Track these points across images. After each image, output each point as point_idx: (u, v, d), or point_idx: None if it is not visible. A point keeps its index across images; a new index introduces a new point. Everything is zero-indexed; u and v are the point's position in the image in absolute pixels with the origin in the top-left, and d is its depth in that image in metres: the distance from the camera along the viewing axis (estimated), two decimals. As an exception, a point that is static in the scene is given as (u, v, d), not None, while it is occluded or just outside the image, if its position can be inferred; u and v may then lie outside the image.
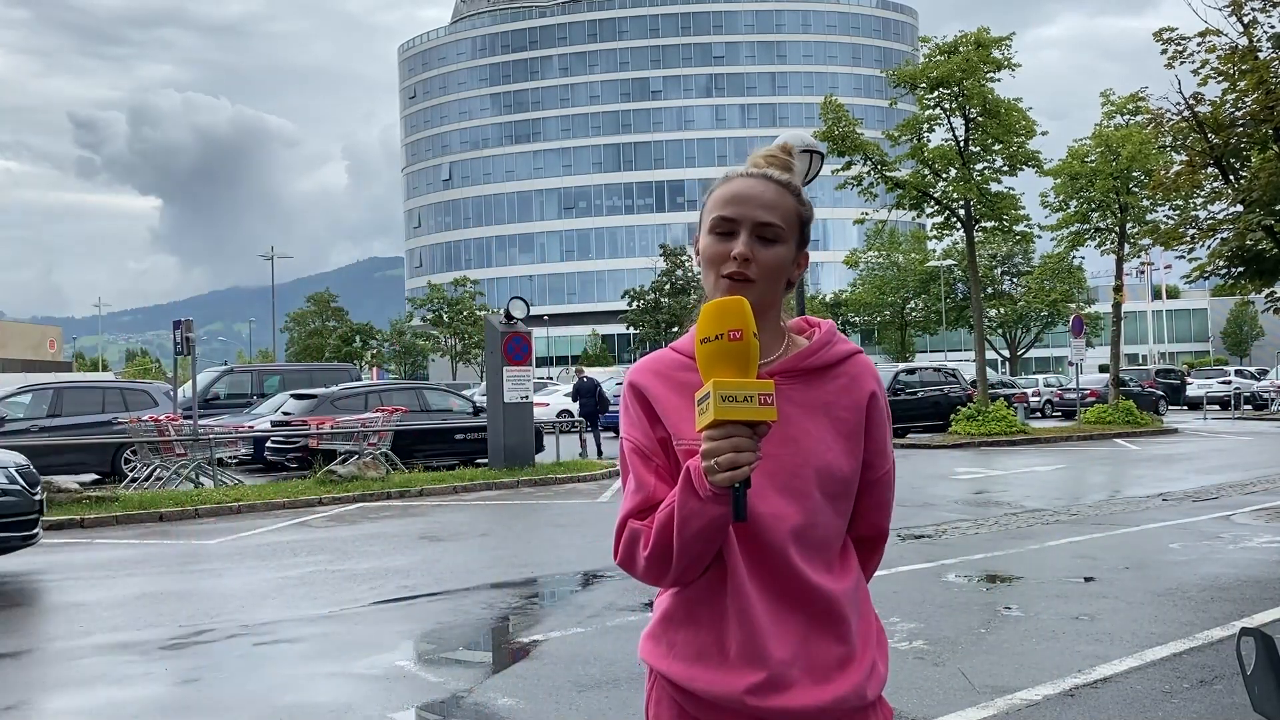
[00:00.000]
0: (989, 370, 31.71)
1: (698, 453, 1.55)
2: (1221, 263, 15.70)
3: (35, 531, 9.19)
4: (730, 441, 1.48)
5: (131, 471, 16.16)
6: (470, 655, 6.30)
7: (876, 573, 1.92)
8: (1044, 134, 25.50)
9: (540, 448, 18.73)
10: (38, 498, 9.25)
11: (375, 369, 73.31)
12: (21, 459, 9.59)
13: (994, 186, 25.25)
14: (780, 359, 1.72)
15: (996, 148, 24.86)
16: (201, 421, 16.70)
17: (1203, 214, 17.31)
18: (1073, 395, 31.70)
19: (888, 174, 25.34)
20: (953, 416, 24.86)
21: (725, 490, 1.51)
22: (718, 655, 1.67)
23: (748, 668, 1.65)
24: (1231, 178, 15.53)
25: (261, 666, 6.18)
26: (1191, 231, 16.49)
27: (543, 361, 70.11)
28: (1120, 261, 28.93)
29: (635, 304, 71.60)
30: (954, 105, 24.69)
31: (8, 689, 5.75)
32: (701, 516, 1.56)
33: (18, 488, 9.04)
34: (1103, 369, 40.86)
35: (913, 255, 62.94)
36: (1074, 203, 28.41)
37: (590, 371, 27.88)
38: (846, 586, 1.72)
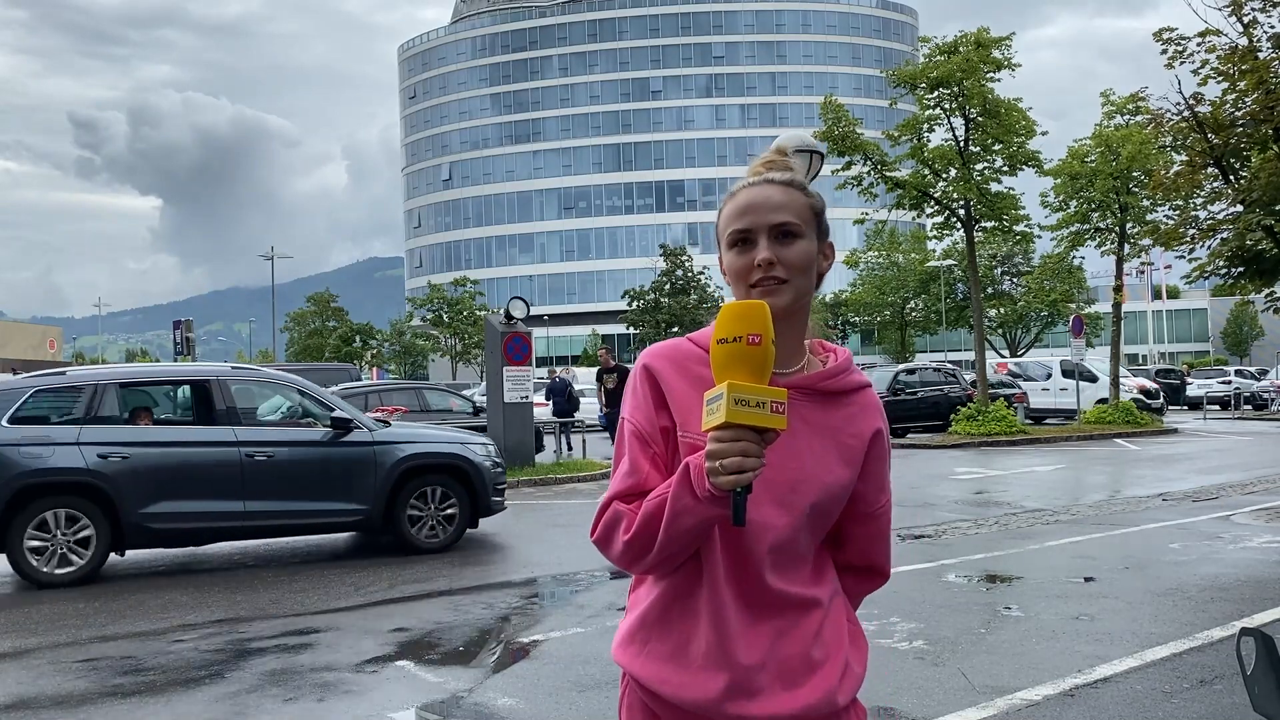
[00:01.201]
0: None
1: (700, 448, 1.54)
2: (1221, 263, 15.68)
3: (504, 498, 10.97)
4: (739, 445, 1.47)
5: (131, 471, 16.12)
6: (470, 655, 6.29)
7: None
8: (1044, 134, 25.50)
9: (540, 448, 18.72)
10: (504, 470, 11.29)
11: (375, 369, 73.28)
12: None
13: (994, 186, 25.26)
14: (798, 374, 1.73)
15: (996, 148, 24.85)
16: (201, 421, 16.67)
17: (1203, 214, 17.28)
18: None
19: (888, 174, 25.34)
20: (953, 416, 24.87)
21: (724, 493, 1.50)
22: (686, 657, 1.67)
23: (714, 670, 1.65)
24: (1231, 178, 15.52)
25: (261, 666, 6.17)
26: (1191, 231, 16.47)
27: (543, 361, 70.02)
28: (1120, 261, 28.93)
29: (635, 304, 71.57)
30: (954, 105, 24.69)
31: (5, 686, 5.76)
32: (693, 515, 1.56)
33: (500, 461, 10.96)
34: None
35: (913, 255, 62.95)
36: (1074, 203, 28.41)
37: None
38: (818, 594, 1.73)
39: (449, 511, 10.17)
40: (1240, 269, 15.62)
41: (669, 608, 1.70)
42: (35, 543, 8.63)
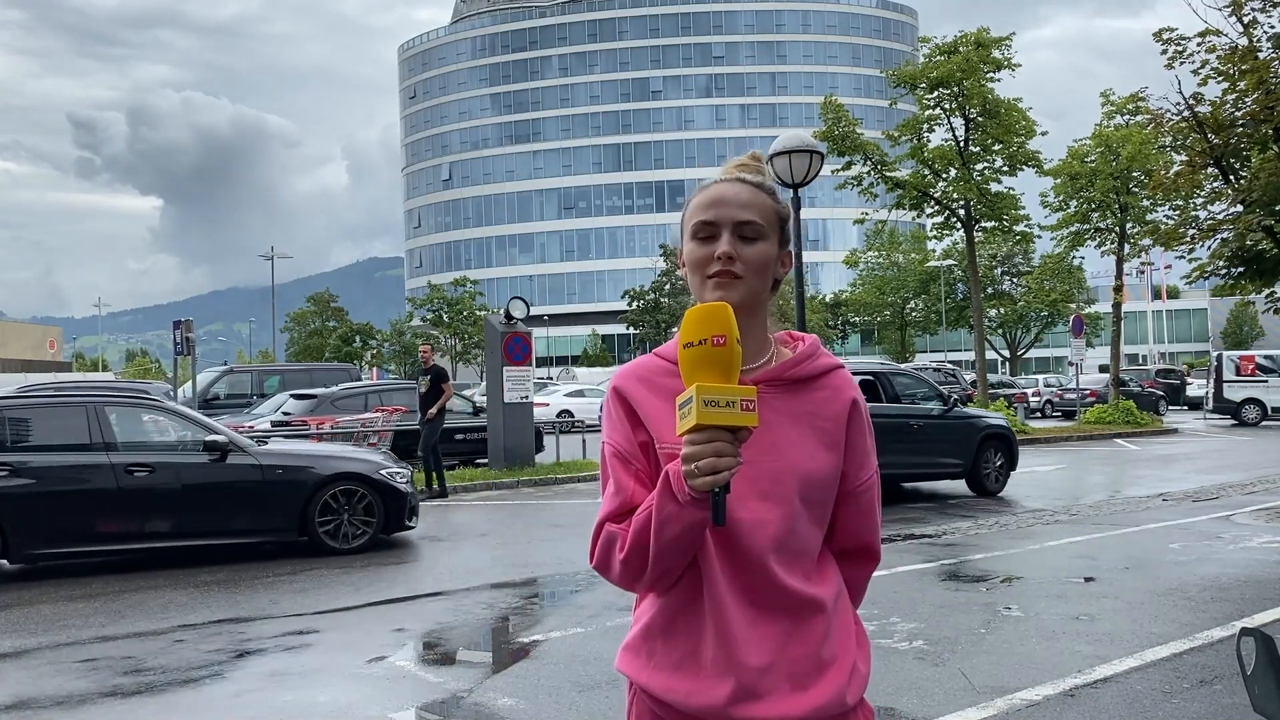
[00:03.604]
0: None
1: (677, 457, 1.55)
2: (1221, 263, 15.66)
3: None
4: (711, 446, 1.49)
5: (131, 471, 16.12)
6: (470, 655, 6.30)
7: (875, 571, 1.91)
8: (1044, 134, 25.52)
9: (540, 448, 18.72)
10: None
11: (375, 369, 73.27)
12: None
13: (994, 186, 25.27)
14: (765, 367, 1.74)
15: (996, 148, 24.88)
16: (201, 421, 16.66)
17: (1203, 214, 17.28)
18: (1073, 395, 31.70)
19: (888, 174, 25.36)
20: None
21: (704, 495, 1.51)
22: (694, 665, 1.68)
23: (722, 676, 1.65)
24: (1231, 178, 15.51)
25: (261, 666, 6.17)
26: (1191, 232, 16.46)
27: (543, 362, 70.11)
28: (1120, 261, 28.93)
29: (635, 304, 71.59)
30: (954, 105, 24.71)
31: (5, 687, 5.75)
32: (679, 521, 1.57)
33: None
34: (1103, 369, 40.86)
35: (913, 255, 62.90)
36: (1074, 203, 28.42)
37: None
38: (825, 593, 1.73)
39: None
40: (1240, 269, 15.61)
41: (673, 618, 1.71)
42: None
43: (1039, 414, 35.70)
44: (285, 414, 19.29)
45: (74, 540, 9.16)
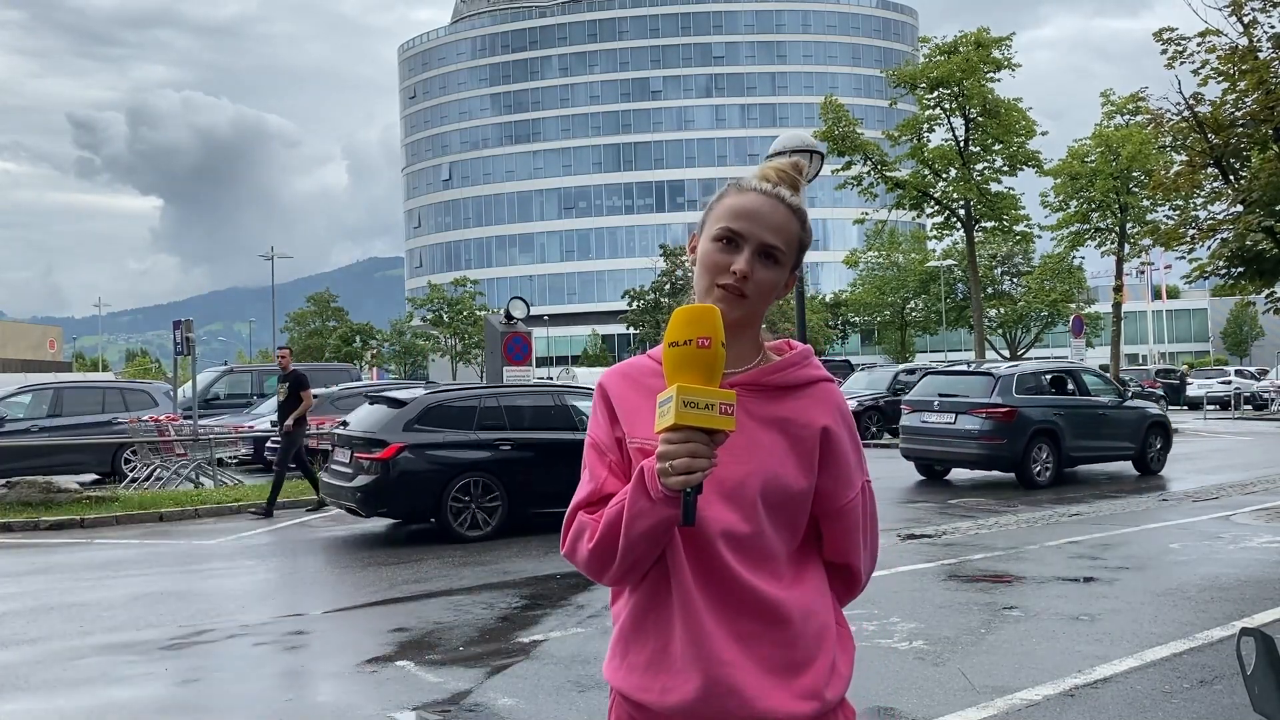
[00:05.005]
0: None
1: (650, 452, 1.58)
2: (1221, 263, 15.69)
3: None
4: (687, 447, 1.51)
5: (131, 471, 16.14)
6: (470, 655, 6.29)
7: (875, 572, 1.90)
8: (1044, 134, 25.55)
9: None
10: None
11: (375, 369, 73.24)
12: None
13: (994, 186, 25.30)
14: (747, 371, 1.74)
15: (996, 148, 24.93)
16: (201, 421, 16.68)
17: (1203, 214, 17.32)
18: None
19: (888, 174, 25.40)
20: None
21: (676, 494, 1.53)
22: (665, 661, 1.68)
23: (692, 671, 1.66)
24: (1231, 178, 15.53)
25: (261, 666, 6.18)
26: (1191, 231, 16.50)
27: (543, 361, 70.07)
28: (1120, 261, 28.98)
29: (635, 304, 71.58)
30: (954, 105, 24.73)
31: (8, 688, 5.75)
32: (650, 516, 1.58)
33: None
34: (1103, 369, 40.83)
35: (913, 255, 62.93)
36: (1074, 203, 28.49)
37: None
38: (799, 594, 1.71)
39: None
40: (1240, 269, 15.64)
41: (643, 618, 1.72)
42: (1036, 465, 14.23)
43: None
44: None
45: (550, 503, 10.73)
